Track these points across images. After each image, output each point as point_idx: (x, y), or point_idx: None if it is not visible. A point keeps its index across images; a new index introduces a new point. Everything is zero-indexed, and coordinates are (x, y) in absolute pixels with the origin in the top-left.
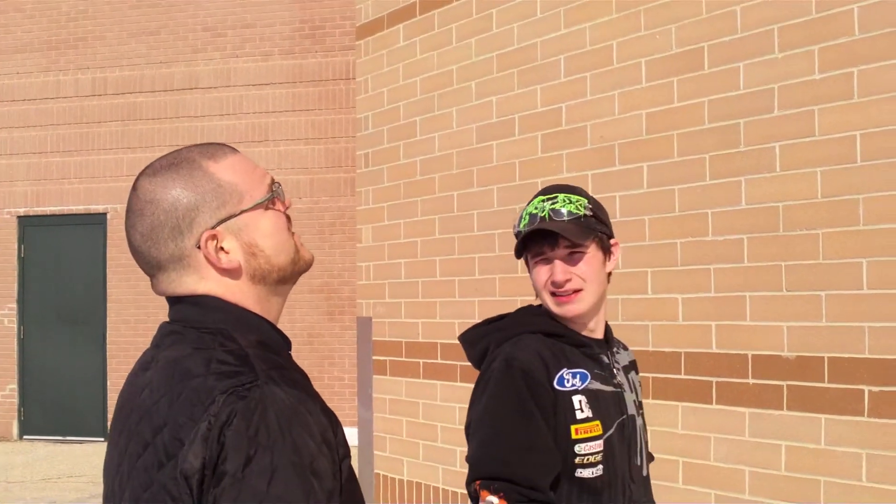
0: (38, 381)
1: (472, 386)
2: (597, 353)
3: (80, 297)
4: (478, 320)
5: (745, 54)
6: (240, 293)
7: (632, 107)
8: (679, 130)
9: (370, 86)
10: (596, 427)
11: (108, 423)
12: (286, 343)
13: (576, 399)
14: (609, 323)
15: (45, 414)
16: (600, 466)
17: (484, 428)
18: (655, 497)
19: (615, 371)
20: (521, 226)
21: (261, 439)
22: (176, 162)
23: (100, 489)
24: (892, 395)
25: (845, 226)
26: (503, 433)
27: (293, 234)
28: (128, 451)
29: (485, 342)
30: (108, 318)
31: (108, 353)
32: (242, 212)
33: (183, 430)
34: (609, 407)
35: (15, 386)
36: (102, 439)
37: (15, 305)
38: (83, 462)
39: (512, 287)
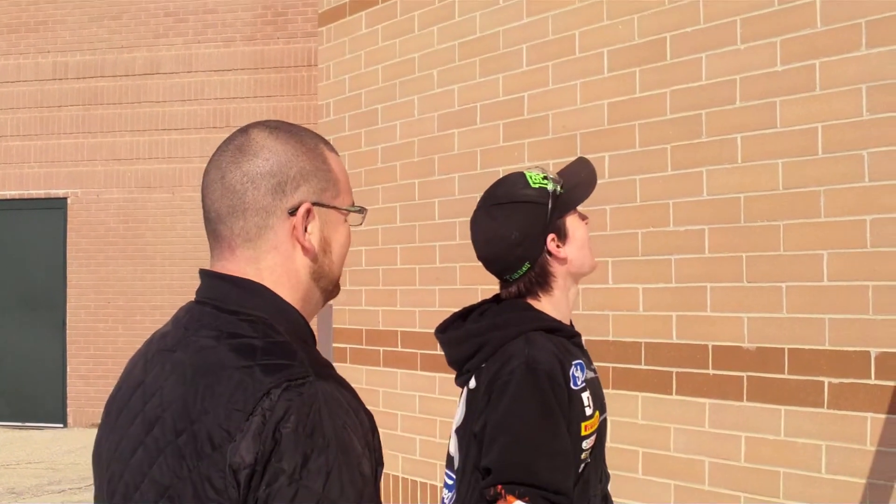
0: None
1: (432, 374)
2: (580, 341)
3: (40, 282)
4: (438, 309)
5: (708, 45)
6: (296, 280)
7: (594, 96)
8: (641, 121)
9: (332, 73)
10: (596, 419)
11: (67, 409)
12: (314, 339)
13: (584, 396)
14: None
15: (4, 400)
16: (589, 456)
17: (507, 432)
18: (616, 487)
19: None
20: (557, 187)
21: (316, 439)
22: (295, 130)
23: (58, 476)
24: (852, 387)
25: (806, 218)
26: (529, 438)
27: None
28: (150, 435)
29: (476, 342)
30: (67, 304)
31: (67, 339)
32: (335, 207)
33: (231, 420)
34: (598, 393)
35: None
36: (62, 425)
37: None
38: (42, 448)
39: (473, 276)
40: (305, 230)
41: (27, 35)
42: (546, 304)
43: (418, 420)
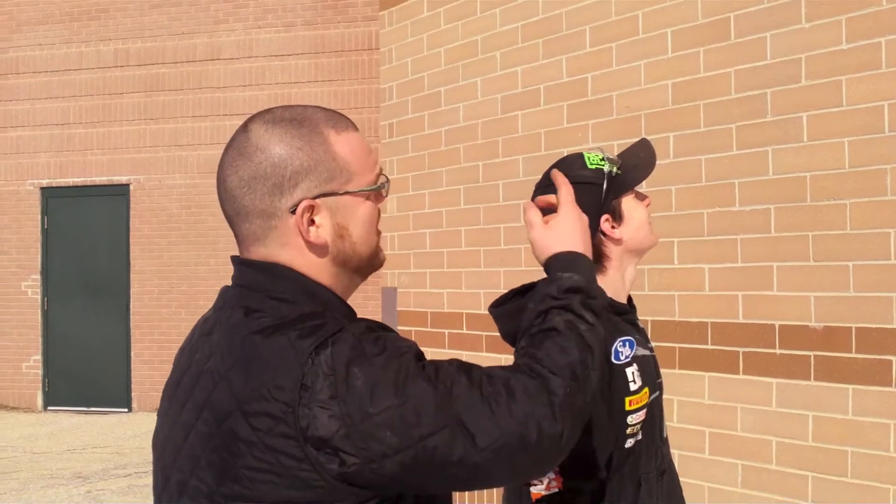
0: (62, 353)
1: (498, 356)
2: (634, 318)
3: (104, 268)
4: (503, 291)
5: (772, 24)
6: (317, 267)
7: (658, 77)
8: (706, 100)
9: (394, 56)
10: (645, 395)
11: (132, 394)
12: (352, 314)
13: (629, 371)
14: (635, 293)
15: (70, 385)
16: (640, 433)
17: None
18: (683, 468)
19: (647, 334)
20: (614, 168)
21: (389, 365)
22: (299, 119)
23: (124, 460)
24: None
25: (873, 196)
26: None
27: (379, 231)
28: (201, 419)
29: None
30: (131, 289)
31: (131, 324)
32: (346, 193)
33: (285, 391)
34: (651, 371)
35: (39, 357)
36: (126, 410)
37: (39, 277)
38: (107, 433)
39: None
40: (313, 223)
41: (88, 23)
42: (600, 283)
43: None
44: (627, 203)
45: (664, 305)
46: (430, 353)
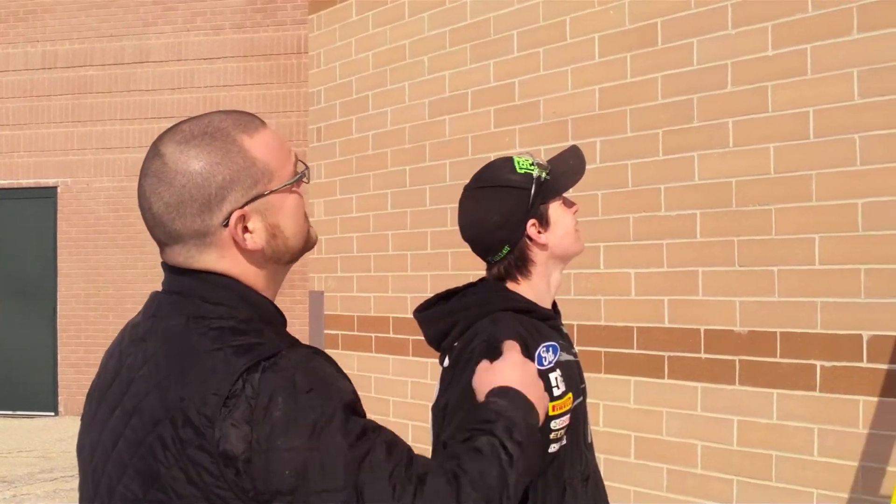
0: None
1: (424, 360)
2: (558, 324)
3: (30, 271)
4: (430, 294)
5: (699, 30)
6: (253, 273)
7: (585, 82)
8: (632, 106)
9: (322, 60)
10: (568, 401)
11: (59, 398)
12: (283, 320)
13: (552, 376)
14: (561, 298)
15: None
16: (564, 437)
17: (465, 408)
18: (608, 472)
19: (571, 339)
20: (543, 173)
21: (314, 405)
22: (209, 132)
23: (50, 464)
24: (844, 370)
25: (798, 201)
26: None
27: (306, 214)
28: (129, 426)
29: (449, 321)
30: (58, 293)
31: (58, 328)
32: (271, 192)
33: (208, 405)
34: (574, 376)
35: None
36: (53, 413)
37: None
38: (33, 437)
39: (464, 261)
40: (247, 230)
41: (16, 24)
42: (525, 288)
43: (410, 406)
44: (555, 209)
45: (590, 310)
46: (358, 357)
